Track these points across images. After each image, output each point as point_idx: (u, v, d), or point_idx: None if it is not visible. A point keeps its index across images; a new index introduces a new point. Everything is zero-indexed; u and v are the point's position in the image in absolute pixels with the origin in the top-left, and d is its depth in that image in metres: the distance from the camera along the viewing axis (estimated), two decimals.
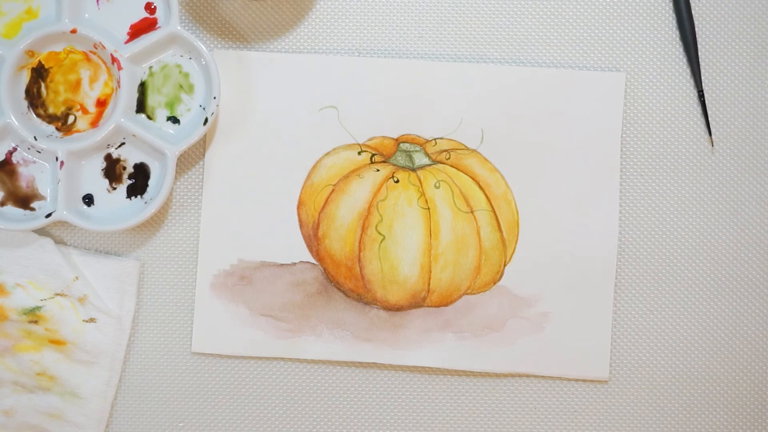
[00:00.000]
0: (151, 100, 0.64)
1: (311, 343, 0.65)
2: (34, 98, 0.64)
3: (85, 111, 0.64)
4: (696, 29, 0.66)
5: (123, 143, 0.64)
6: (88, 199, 0.64)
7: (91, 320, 0.64)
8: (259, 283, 0.65)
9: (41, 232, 0.65)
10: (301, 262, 0.65)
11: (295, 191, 0.66)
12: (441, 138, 0.66)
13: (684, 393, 0.66)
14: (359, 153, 0.66)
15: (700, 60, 0.67)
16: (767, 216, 0.66)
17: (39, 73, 0.64)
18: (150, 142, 0.63)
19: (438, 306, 0.65)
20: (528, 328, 0.65)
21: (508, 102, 0.66)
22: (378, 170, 0.66)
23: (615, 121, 0.66)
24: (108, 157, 0.64)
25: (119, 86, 0.63)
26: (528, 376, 0.66)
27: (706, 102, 0.66)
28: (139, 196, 0.64)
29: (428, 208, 0.65)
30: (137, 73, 0.64)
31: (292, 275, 0.65)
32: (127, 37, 0.64)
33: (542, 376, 0.66)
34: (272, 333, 0.65)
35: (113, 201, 0.64)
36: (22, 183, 0.64)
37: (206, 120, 0.63)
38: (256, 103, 0.66)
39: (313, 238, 0.65)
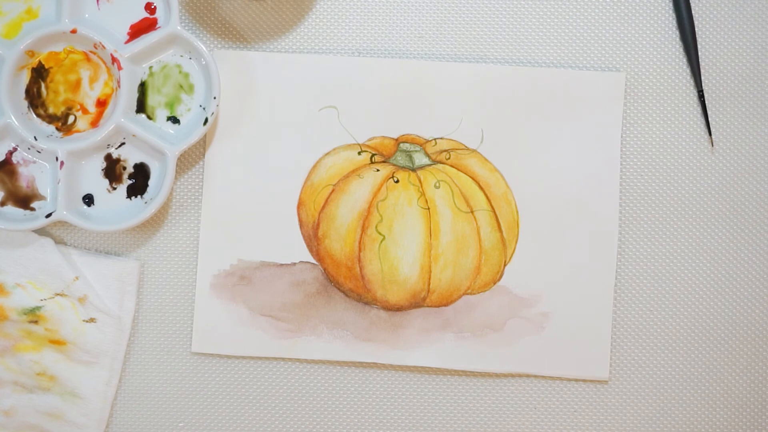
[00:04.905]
0: (151, 100, 0.64)
1: (311, 343, 0.65)
2: (34, 98, 0.64)
3: (85, 111, 0.64)
4: (696, 29, 0.66)
5: (123, 143, 0.64)
6: (88, 199, 0.64)
7: (91, 320, 0.64)
8: (259, 283, 0.65)
9: (41, 232, 0.65)
10: (301, 262, 0.65)
11: (295, 191, 0.66)
12: (441, 138, 0.66)
13: (684, 393, 0.66)
14: (359, 153, 0.66)
15: (700, 60, 0.67)
16: (767, 216, 0.66)
17: (39, 73, 0.64)
18: (150, 142, 0.63)
19: (438, 306, 0.65)
20: (528, 328, 0.65)
21: (508, 102, 0.66)
22: (378, 170, 0.66)
23: (615, 121, 0.66)
24: (108, 157, 0.64)
25: (119, 86, 0.63)
26: (528, 376, 0.66)
27: (706, 102, 0.66)
28: (139, 196, 0.64)
29: (428, 208, 0.65)
30: (137, 73, 0.64)
31: (292, 275, 0.65)
32: (127, 37, 0.64)
33: (542, 376, 0.66)
34: (272, 333, 0.65)
35: (113, 201, 0.64)
36: (22, 183, 0.64)
37: (206, 120, 0.63)
38: (256, 103, 0.66)
39: (313, 238, 0.65)
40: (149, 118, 0.64)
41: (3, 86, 0.63)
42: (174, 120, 0.64)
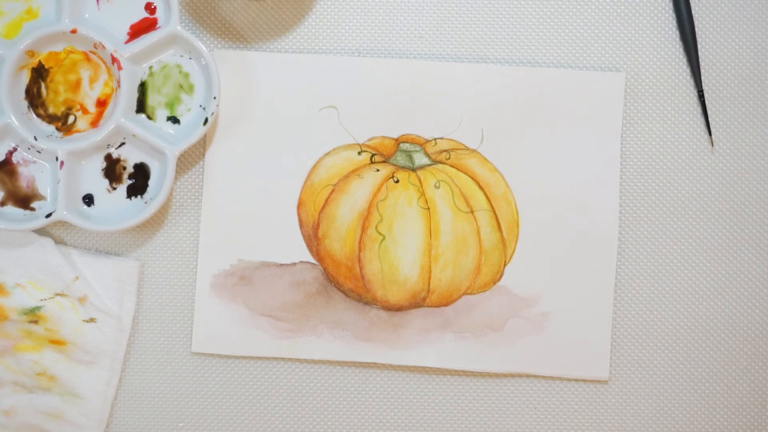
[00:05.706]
0: (151, 100, 0.64)
1: (311, 343, 0.65)
2: (34, 98, 0.64)
3: (85, 111, 0.64)
4: (696, 29, 0.66)
5: (123, 143, 0.64)
6: (88, 199, 0.64)
7: (91, 320, 0.64)
8: (259, 283, 0.65)
9: (41, 232, 0.65)
10: (301, 262, 0.65)
11: (295, 191, 0.66)
12: (441, 138, 0.66)
13: (684, 393, 0.66)
14: (359, 153, 0.66)
15: (700, 60, 0.67)
16: (767, 216, 0.66)
17: (39, 73, 0.64)
18: (150, 142, 0.63)
19: (438, 306, 0.65)
20: (528, 328, 0.65)
21: (508, 102, 0.66)
22: (378, 170, 0.66)
23: (615, 121, 0.66)
24: (108, 157, 0.64)
25: (119, 86, 0.63)
26: (528, 376, 0.66)
27: (706, 102, 0.66)
28: (139, 196, 0.64)
29: (428, 208, 0.65)
30: (137, 73, 0.64)
31: (292, 275, 0.65)
32: (127, 37, 0.64)
33: (542, 376, 0.66)
34: (272, 333, 0.65)
35: (113, 201, 0.64)
36: (22, 183, 0.64)
37: (206, 120, 0.63)
38: (256, 103, 0.66)
39: (313, 238, 0.65)
40: (149, 118, 0.64)
41: (3, 86, 0.63)
42: (174, 120, 0.64)
